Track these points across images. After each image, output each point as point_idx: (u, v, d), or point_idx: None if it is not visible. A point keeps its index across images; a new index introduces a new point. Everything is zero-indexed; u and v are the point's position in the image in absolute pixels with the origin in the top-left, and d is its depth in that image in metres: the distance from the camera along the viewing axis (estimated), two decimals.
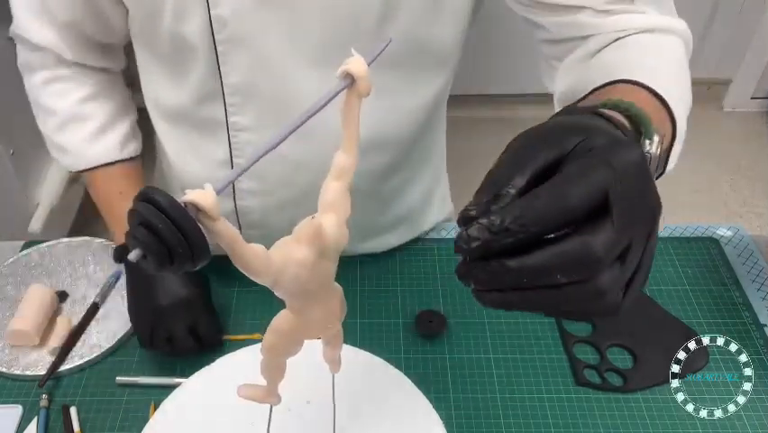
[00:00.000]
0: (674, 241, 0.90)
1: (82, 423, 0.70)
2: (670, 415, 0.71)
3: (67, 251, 0.88)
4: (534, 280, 0.34)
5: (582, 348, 0.77)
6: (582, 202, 0.34)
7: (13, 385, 0.74)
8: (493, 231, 0.33)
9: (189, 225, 0.31)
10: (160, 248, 0.31)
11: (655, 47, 0.64)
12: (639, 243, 0.36)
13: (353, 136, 0.41)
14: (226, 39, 0.64)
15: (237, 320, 0.79)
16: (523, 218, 0.33)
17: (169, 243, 0.31)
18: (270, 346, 0.44)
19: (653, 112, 0.50)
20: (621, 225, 0.34)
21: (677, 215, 2.18)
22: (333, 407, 0.58)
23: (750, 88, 2.59)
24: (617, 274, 0.35)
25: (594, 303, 0.36)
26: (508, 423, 0.69)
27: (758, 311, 0.80)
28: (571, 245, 0.34)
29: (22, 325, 0.75)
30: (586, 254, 0.33)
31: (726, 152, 2.46)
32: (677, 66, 0.62)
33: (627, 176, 0.35)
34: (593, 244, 0.33)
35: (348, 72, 0.38)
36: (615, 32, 0.64)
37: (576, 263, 0.34)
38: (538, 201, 0.34)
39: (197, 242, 0.31)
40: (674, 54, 0.64)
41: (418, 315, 0.79)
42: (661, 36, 0.64)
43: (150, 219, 0.30)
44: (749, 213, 2.23)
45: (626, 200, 0.34)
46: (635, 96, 0.52)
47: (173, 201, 0.31)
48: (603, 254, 0.33)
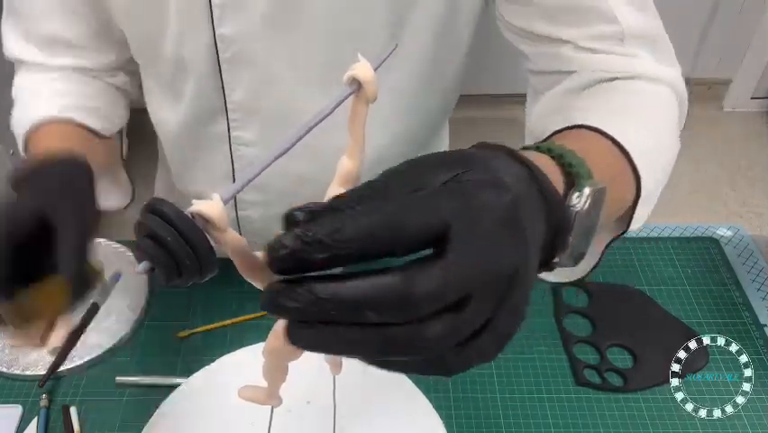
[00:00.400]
0: (674, 241, 0.90)
1: (82, 423, 0.70)
2: (670, 415, 0.71)
3: None
4: (344, 314, 0.28)
5: (582, 348, 0.77)
6: (415, 230, 0.28)
7: (13, 385, 0.74)
8: (306, 241, 0.28)
9: (197, 236, 0.30)
10: (168, 261, 0.30)
11: (640, 96, 0.58)
12: (485, 298, 0.30)
13: (359, 142, 0.41)
14: (231, 58, 0.63)
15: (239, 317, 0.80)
16: (341, 233, 0.28)
17: (176, 255, 0.30)
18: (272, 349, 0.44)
19: (606, 166, 0.45)
20: (456, 270, 0.28)
21: (677, 215, 2.18)
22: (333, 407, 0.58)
23: (750, 88, 2.60)
24: (446, 327, 0.29)
25: (418, 355, 0.30)
26: (508, 423, 0.69)
27: (758, 311, 0.80)
28: (389, 279, 0.28)
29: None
30: (402, 292, 0.28)
31: (726, 151, 2.46)
32: (660, 119, 0.57)
33: (481, 217, 0.30)
34: (413, 281, 0.28)
35: (354, 77, 0.38)
36: (600, 71, 0.59)
37: (390, 301, 0.28)
38: (364, 218, 0.28)
39: (205, 254, 0.31)
40: (659, 107, 0.58)
41: None
42: (648, 85, 0.59)
43: (158, 231, 0.30)
44: (749, 213, 2.23)
45: (470, 243, 0.29)
46: (589, 144, 0.47)
47: (180, 213, 0.30)
48: (422, 296, 0.28)
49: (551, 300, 0.82)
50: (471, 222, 0.29)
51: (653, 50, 0.60)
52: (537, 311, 0.80)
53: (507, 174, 0.33)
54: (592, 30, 0.59)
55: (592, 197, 0.38)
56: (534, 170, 0.35)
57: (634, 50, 0.59)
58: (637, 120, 0.54)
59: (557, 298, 0.82)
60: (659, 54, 0.61)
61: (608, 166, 0.46)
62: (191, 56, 0.64)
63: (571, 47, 0.60)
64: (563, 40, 0.60)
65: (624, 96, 0.58)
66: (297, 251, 0.28)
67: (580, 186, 0.39)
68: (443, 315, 0.29)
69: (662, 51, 0.61)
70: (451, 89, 0.75)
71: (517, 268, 0.31)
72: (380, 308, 0.28)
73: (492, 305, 0.30)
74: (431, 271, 0.28)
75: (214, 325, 0.78)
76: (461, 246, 0.29)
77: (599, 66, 0.59)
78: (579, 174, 0.39)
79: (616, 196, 0.47)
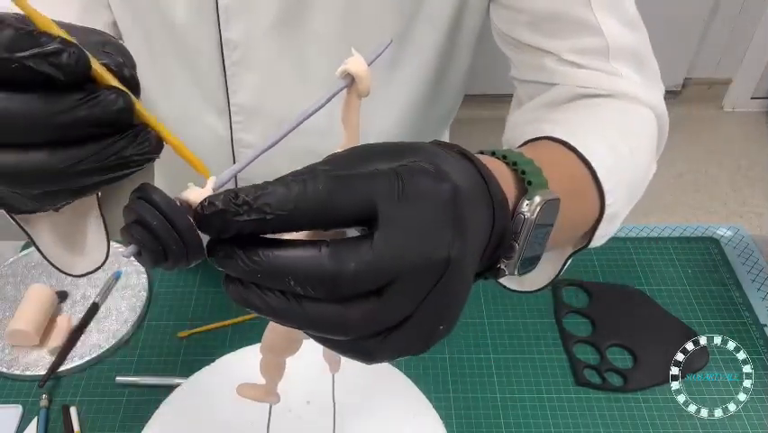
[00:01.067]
0: (674, 241, 0.90)
1: (82, 423, 0.70)
2: (670, 415, 0.71)
3: None
4: (268, 280, 0.29)
5: (582, 348, 0.77)
6: (343, 207, 0.29)
7: (13, 385, 0.74)
8: (233, 201, 0.28)
9: (184, 223, 0.31)
10: (154, 245, 0.31)
11: (618, 114, 0.57)
12: (409, 287, 0.29)
13: (353, 136, 0.41)
14: (236, 61, 0.63)
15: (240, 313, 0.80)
16: (267, 197, 0.28)
17: (163, 240, 0.31)
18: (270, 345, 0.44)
19: (568, 178, 0.44)
20: (381, 250, 0.28)
21: (677, 215, 2.18)
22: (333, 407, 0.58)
23: (750, 88, 2.60)
24: (368, 309, 0.29)
25: (339, 335, 0.30)
26: (508, 423, 0.69)
27: (758, 311, 0.80)
28: (311, 251, 0.28)
29: (22, 325, 0.75)
30: (323, 266, 0.28)
31: (726, 152, 2.46)
32: (636, 138, 0.55)
33: (415, 203, 0.29)
34: (337, 257, 0.28)
35: (347, 72, 0.38)
36: (581, 87, 0.58)
37: (310, 273, 0.28)
38: (295, 187, 0.29)
39: (192, 240, 0.31)
40: (637, 126, 0.57)
41: None
42: (629, 105, 0.58)
43: (145, 216, 0.31)
44: (749, 213, 2.23)
45: (399, 228, 0.29)
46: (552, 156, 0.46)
47: (168, 199, 0.31)
48: (343, 274, 0.28)
49: (551, 300, 0.82)
50: (403, 206, 0.29)
51: (638, 69, 0.59)
52: (537, 311, 0.81)
53: (451, 167, 0.32)
54: (577, 42, 0.58)
55: (543, 206, 0.37)
56: (481, 169, 0.34)
57: (618, 67, 0.58)
58: (610, 136, 0.52)
59: (557, 298, 0.82)
60: (643, 73, 0.60)
61: (569, 179, 0.45)
62: (196, 58, 0.64)
63: (555, 59, 0.59)
64: (546, 51, 0.59)
65: (601, 112, 0.56)
66: (225, 211, 0.28)
67: (531, 194, 0.38)
68: (367, 298, 0.29)
69: (646, 70, 0.60)
70: (453, 96, 0.75)
71: (449, 259, 0.30)
72: (302, 280, 0.28)
73: (417, 295, 0.30)
74: (355, 251, 0.28)
75: (214, 325, 0.78)
76: (388, 229, 0.29)
77: (581, 81, 0.58)
78: (531, 183, 0.39)
79: (577, 210, 0.46)
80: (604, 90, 0.58)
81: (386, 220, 0.29)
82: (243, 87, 0.65)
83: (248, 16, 0.60)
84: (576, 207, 0.45)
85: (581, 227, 0.50)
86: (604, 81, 0.57)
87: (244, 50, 0.62)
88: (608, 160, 0.49)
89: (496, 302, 0.81)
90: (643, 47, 0.60)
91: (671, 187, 2.29)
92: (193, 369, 0.68)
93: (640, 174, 0.55)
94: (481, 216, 0.33)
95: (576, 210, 0.46)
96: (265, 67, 0.64)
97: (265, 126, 0.68)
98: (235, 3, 0.60)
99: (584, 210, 0.48)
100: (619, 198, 0.50)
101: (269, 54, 0.63)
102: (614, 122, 0.55)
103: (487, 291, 0.82)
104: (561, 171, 0.42)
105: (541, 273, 0.53)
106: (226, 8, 0.60)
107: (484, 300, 0.81)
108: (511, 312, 0.80)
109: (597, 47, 0.57)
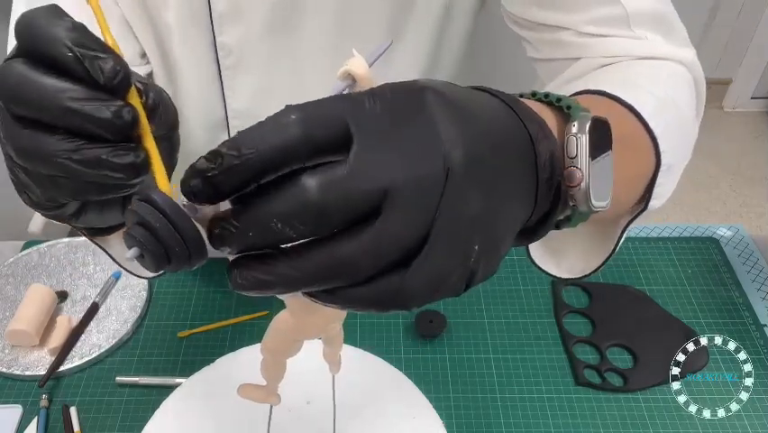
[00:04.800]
0: (674, 241, 0.90)
1: (82, 423, 0.70)
2: (670, 415, 0.71)
3: (67, 251, 0.88)
4: (258, 232, 0.27)
5: (582, 348, 0.77)
6: (318, 131, 0.27)
7: (14, 385, 0.74)
8: (210, 160, 0.27)
9: (187, 225, 0.31)
10: (157, 248, 0.31)
11: (653, 68, 0.54)
12: (408, 198, 0.26)
13: None
14: (231, 65, 0.63)
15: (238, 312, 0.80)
16: (241, 139, 0.27)
17: (166, 242, 0.31)
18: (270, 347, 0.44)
19: (617, 125, 0.38)
20: (358, 165, 0.26)
21: (677, 215, 2.18)
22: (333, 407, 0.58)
23: (750, 88, 2.60)
24: (369, 235, 0.26)
25: (349, 276, 0.27)
26: (508, 423, 0.69)
27: (758, 311, 0.80)
28: (290, 183, 0.27)
29: (21, 325, 0.75)
30: (301, 195, 0.26)
31: (726, 152, 2.46)
32: (677, 90, 0.52)
33: (392, 112, 0.27)
34: (312, 180, 0.26)
35: (348, 72, 0.38)
36: (606, 57, 0.55)
37: (291, 207, 0.26)
38: (267, 122, 0.27)
39: (194, 242, 0.31)
40: (675, 78, 0.54)
41: (418, 315, 0.79)
42: (661, 62, 0.55)
43: (148, 219, 0.30)
44: (749, 213, 2.23)
45: (375, 137, 0.27)
46: (598, 105, 0.41)
47: (171, 201, 0.31)
48: (325, 196, 0.26)
49: (551, 300, 0.82)
50: (378, 118, 0.27)
51: (665, 32, 0.56)
52: (537, 311, 0.80)
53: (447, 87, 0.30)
54: (593, 13, 0.55)
55: (595, 124, 0.34)
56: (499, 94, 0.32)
57: (642, 33, 0.55)
58: (646, 85, 0.48)
59: (557, 298, 0.82)
60: (670, 36, 0.56)
61: (616, 124, 0.38)
62: (193, 64, 0.64)
63: (572, 33, 0.56)
64: (562, 26, 0.57)
65: (636, 68, 0.53)
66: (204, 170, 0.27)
67: (575, 116, 0.34)
68: (366, 223, 0.27)
69: (673, 32, 0.57)
70: None
71: (445, 165, 0.27)
72: (288, 216, 0.27)
73: (421, 209, 0.27)
74: (331, 171, 0.26)
75: (214, 325, 0.78)
76: (363, 142, 0.27)
77: (605, 51, 0.55)
78: (570, 107, 0.35)
79: (630, 161, 0.42)
80: (629, 55, 0.54)
81: (360, 135, 0.27)
82: (240, 92, 0.65)
83: (242, 21, 0.60)
84: (629, 157, 0.41)
85: (637, 183, 0.46)
86: (628, 47, 0.54)
87: (239, 54, 0.62)
88: (651, 103, 0.45)
89: (496, 302, 0.81)
90: (665, 9, 0.56)
91: None
92: (193, 369, 0.68)
93: (688, 128, 0.51)
94: (503, 123, 0.31)
95: (629, 161, 0.41)
96: (260, 69, 0.64)
97: None
98: (229, 7, 0.60)
99: (638, 161, 0.44)
100: (672, 146, 0.45)
101: (264, 58, 0.63)
102: (652, 73, 0.52)
103: (487, 291, 0.82)
104: (609, 118, 0.37)
105: (594, 253, 0.50)
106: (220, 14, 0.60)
107: (484, 300, 0.81)
108: (511, 312, 0.80)
109: (616, 15, 0.55)
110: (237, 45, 0.62)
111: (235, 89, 0.65)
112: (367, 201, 0.26)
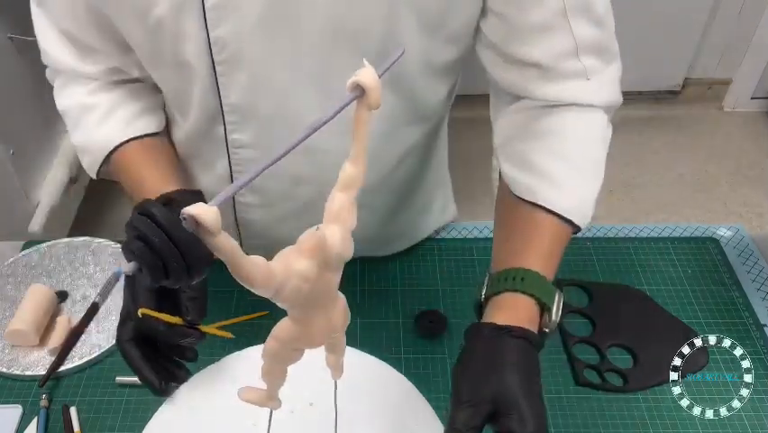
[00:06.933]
0: (674, 241, 0.90)
1: (82, 423, 0.70)
2: (670, 415, 0.71)
3: (67, 251, 0.88)
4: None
5: (582, 348, 0.77)
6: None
7: (14, 385, 0.74)
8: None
9: (185, 239, 0.30)
10: (154, 261, 0.30)
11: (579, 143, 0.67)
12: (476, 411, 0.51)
13: (362, 148, 0.40)
14: (225, 60, 0.63)
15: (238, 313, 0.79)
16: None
17: (163, 257, 0.30)
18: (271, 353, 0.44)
19: (558, 249, 0.64)
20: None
21: (677, 215, 2.18)
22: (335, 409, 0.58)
23: (750, 88, 2.59)
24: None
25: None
26: None
27: (758, 311, 0.80)
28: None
29: (21, 325, 0.75)
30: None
31: (726, 152, 2.46)
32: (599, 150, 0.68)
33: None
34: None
35: (358, 83, 0.38)
36: (545, 100, 0.67)
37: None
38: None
39: (193, 257, 0.31)
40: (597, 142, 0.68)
41: (418, 315, 0.79)
42: (584, 115, 0.67)
43: (146, 232, 0.30)
44: (749, 213, 2.23)
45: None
46: (542, 240, 0.63)
47: (170, 215, 0.30)
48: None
49: None
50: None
51: (603, 57, 0.66)
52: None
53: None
54: (552, 48, 0.64)
55: (557, 307, 0.60)
56: (513, 331, 0.56)
57: (586, 61, 0.65)
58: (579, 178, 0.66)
59: None
60: (605, 57, 0.67)
61: (559, 247, 0.64)
62: (188, 57, 0.64)
63: (535, 72, 0.66)
64: (531, 63, 0.65)
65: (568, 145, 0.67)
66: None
67: (549, 313, 0.59)
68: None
69: (608, 53, 0.67)
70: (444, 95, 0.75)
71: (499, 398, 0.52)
72: None
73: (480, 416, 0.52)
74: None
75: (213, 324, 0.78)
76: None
77: (543, 95, 0.67)
78: (548, 307, 0.59)
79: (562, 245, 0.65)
80: (565, 102, 0.67)
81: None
82: (235, 87, 0.65)
83: (235, 13, 0.60)
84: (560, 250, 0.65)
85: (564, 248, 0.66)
86: (568, 93, 0.66)
87: (233, 47, 0.62)
88: (587, 209, 0.65)
89: None
90: (603, 36, 0.66)
91: (671, 187, 2.28)
92: (193, 369, 0.68)
93: (599, 174, 0.68)
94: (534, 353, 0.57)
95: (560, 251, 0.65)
96: (255, 64, 0.63)
97: (259, 126, 0.68)
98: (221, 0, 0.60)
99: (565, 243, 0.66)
100: (588, 216, 0.66)
101: (258, 51, 0.63)
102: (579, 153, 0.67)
103: None
104: (555, 248, 0.63)
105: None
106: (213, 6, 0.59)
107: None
108: None
109: (568, 48, 0.64)
110: (231, 39, 0.62)
111: (230, 84, 0.65)
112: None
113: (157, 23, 0.62)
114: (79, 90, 0.74)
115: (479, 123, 2.26)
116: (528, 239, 0.64)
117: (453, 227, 0.94)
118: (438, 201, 0.92)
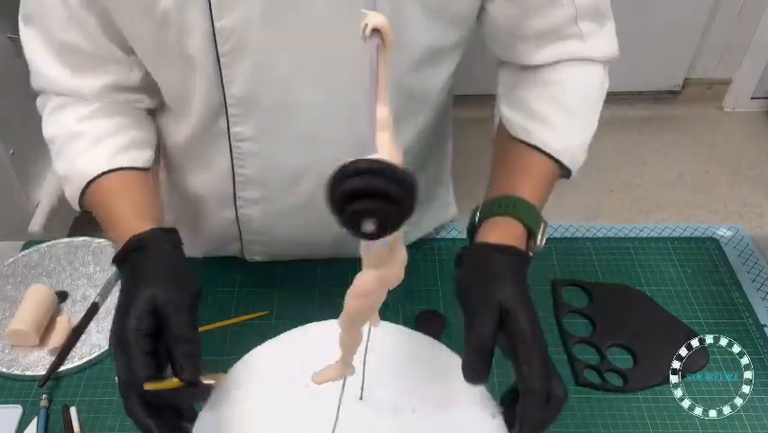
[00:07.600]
0: (674, 241, 0.90)
1: (82, 423, 0.70)
2: (670, 415, 0.71)
3: (67, 251, 0.88)
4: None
5: (582, 348, 0.77)
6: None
7: (14, 385, 0.74)
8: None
9: (402, 174, 0.29)
10: (390, 209, 0.29)
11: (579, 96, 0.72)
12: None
13: (384, 89, 0.42)
14: (230, 50, 0.63)
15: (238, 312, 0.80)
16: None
17: (399, 200, 0.29)
18: (354, 311, 0.45)
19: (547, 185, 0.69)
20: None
21: (677, 215, 2.18)
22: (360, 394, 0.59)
23: (750, 88, 2.60)
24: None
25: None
26: None
27: (758, 311, 0.80)
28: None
29: (21, 325, 0.75)
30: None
31: (726, 152, 2.46)
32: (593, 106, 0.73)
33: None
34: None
35: (374, 27, 0.39)
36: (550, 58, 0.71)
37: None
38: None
39: (410, 186, 0.30)
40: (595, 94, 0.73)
41: (418, 315, 0.79)
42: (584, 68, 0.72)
43: (376, 186, 0.29)
44: (749, 213, 2.23)
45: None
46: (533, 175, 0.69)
47: (373, 161, 0.30)
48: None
49: (551, 300, 0.82)
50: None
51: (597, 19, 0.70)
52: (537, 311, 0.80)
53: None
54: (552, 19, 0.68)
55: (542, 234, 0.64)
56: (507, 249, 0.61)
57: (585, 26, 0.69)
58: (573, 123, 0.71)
59: (557, 298, 0.82)
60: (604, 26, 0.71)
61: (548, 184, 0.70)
62: (191, 53, 0.64)
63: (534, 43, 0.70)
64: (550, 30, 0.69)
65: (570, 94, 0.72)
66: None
67: (535, 238, 0.64)
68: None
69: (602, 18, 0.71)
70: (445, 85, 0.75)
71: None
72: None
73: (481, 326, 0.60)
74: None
75: (214, 325, 0.78)
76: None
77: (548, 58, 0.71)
78: (534, 233, 0.64)
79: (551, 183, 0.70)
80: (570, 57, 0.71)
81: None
82: (238, 78, 0.65)
83: (240, 2, 0.60)
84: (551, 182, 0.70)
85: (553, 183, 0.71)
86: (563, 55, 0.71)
87: (237, 37, 0.62)
88: (579, 154, 0.71)
89: None
90: (602, 1, 0.70)
91: (671, 187, 2.28)
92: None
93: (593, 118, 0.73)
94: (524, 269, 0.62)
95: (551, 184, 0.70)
96: (258, 54, 0.64)
97: (261, 118, 0.68)
98: None
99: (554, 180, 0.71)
100: (580, 161, 0.72)
101: (262, 41, 0.63)
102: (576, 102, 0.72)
103: None
104: (543, 184, 0.69)
105: None
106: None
107: None
108: None
109: (568, 16, 0.68)
110: (235, 29, 0.62)
111: (233, 75, 0.65)
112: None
113: (162, 16, 0.62)
114: (70, 117, 0.72)
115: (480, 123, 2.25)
116: (520, 174, 0.69)
117: (453, 227, 0.94)
118: (438, 200, 0.92)
